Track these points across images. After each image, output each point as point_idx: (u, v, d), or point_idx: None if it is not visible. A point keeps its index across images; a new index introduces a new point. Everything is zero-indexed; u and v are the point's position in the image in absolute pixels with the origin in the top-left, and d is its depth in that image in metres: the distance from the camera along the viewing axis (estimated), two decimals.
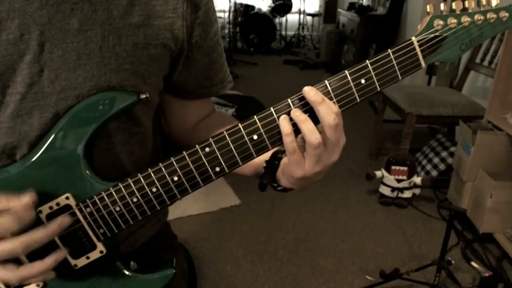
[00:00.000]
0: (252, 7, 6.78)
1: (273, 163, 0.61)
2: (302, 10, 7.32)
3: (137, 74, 0.59)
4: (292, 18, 7.35)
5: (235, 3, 6.56)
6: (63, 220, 0.54)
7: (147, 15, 0.58)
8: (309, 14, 7.56)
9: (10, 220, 0.49)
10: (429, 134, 3.19)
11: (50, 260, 0.53)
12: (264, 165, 0.62)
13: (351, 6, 5.39)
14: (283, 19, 7.16)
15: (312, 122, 0.53)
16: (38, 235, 0.51)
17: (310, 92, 0.53)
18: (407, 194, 2.32)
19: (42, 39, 0.52)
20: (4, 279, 0.52)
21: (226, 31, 6.57)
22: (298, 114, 0.53)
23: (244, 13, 6.57)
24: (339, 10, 6.12)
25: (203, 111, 0.78)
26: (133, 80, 0.59)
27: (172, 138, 0.80)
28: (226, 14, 6.67)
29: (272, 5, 6.99)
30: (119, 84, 0.57)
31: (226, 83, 0.76)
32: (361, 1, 5.60)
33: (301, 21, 7.39)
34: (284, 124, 0.54)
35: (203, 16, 0.64)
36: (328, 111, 0.52)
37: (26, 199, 0.50)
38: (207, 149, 0.55)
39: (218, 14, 6.74)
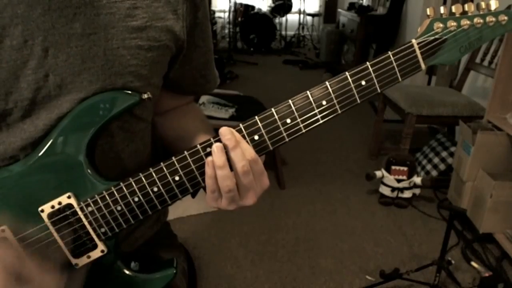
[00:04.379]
0: (252, 7, 6.78)
1: None
2: (302, 10, 7.32)
3: (141, 75, 0.60)
4: (292, 18, 7.35)
5: (235, 3, 6.56)
6: None
7: (149, 18, 0.58)
8: (309, 14, 7.56)
9: None
10: (429, 134, 3.20)
11: None
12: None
13: (351, 6, 5.39)
14: (283, 19, 7.16)
15: (227, 169, 0.54)
16: None
17: (226, 135, 0.54)
18: (407, 194, 2.32)
19: (46, 44, 0.52)
20: None
21: (226, 31, 6.58)
22: (217, 158, 0.54)
23: (244, 13, 6.57)
24: (339, 10, 6.13)
25: (179, 103, 0.79)
26: (137, 82, 0.59)
27: None
28: (226, 14, 6.68)
29: (272, 5, 7.00)
30: (123, 86, 0.58)
31: (217, 80, 0.78)
32: (361, 1, 5.61)
33: (301, 21, 7.39)
34: (208, 165, 0.55)
35: (202, 16, 0.65)
36: (238, 158, 0.54)
37: None
38: (208, 149, 0.56)
39: (218, 14, 6.66)
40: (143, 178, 0.56)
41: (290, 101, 0.55)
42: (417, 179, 2.31)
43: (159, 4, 0.59)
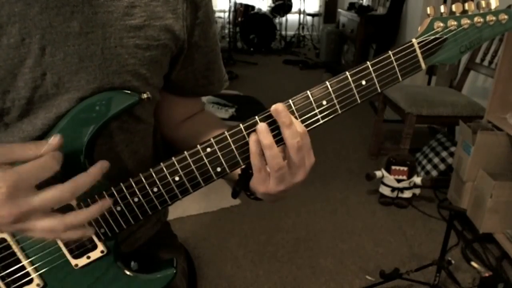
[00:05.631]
0: (252, 7, 6.78)
1: (247, 172, 0.59)
2: (302, 10, 7.32)
3: (139, 75, 0.59)
4: (292, 18, 7.35)
5: (235, 3, 6.56)
6: (103, 163, 0.53)
7: (147, 16, 0.58)
8: (309, 14, 7.56)
9: (49, 160, 0.48)
10: (429, 134, 3.20)
11: (95, 208, 0.52)
12: (239, 172, 0.62)
13: (351, 6, 5.39)
14: (283, 19, 7.16)
15: (275, 148, 0.53)
16: (83, 179, 0.50)
17: (282, 113, 0.53)
18: (407, 194, 2.32)
19: (43, 43, 0.52)
20: (51, 227, 0.50)
21: (226, 31, 6.58)
22: (264, 137, 0.53)
23: (244, 13, 6.57)
24: (339, 10, 6.12)
25: (192, 110, 0.79)
26: (135, 81, 0.59)
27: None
28: (226, 14, 6.68)
29: (272, 5, 7.00)
30: (121, 85, 0.57)
31: (223, 82, 0.77)
32: (361, 1, 5.60)
33: (301, 21, 7.39)
34: (252, 142, 0.54)
35: (203, 16, 0.65)
36: (294, 134, 0.52)
37: (55, 139, 0.49)
38: (208, 149, 0.55)
39: (218, 14, 6.69)
40: (143, 179, 0.56)
41: (290, 101, 0.55)
42: (417, 179, 2.31)
43: (158, 3, 0.59)
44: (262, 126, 0.53)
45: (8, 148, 0.48)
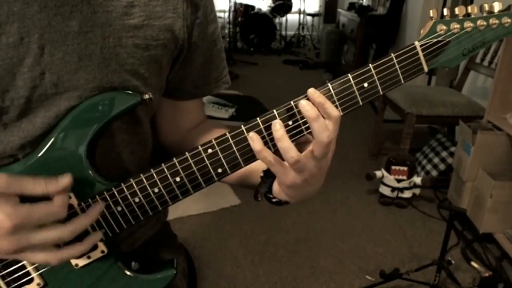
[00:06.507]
0: (252, 7, 6.77)
1: (271, 173, 0.58)
2: (302, 10, 7.32)
3: (138, 74, 0.59)
4: (292, 18, 7.35)
5: (235, 3, 6.56)
6: (101, 206, 0.56)
7: (147, 16, 0.58)
8: (309, 14, 7.56)
9: (59, 207, 0.51)
10: (429, 134, 3.20)
11: (89, 242, 0.56)
12: (261, 174, 0.61)
13: (351, 6, 5.39)
14: (283, 19, 7.16)
15: (288, 141, 0.53)
16: (82, 222, 0.54)
17: (306, 106, 0.52)
18: (407, 194, 2.32)
19: (42, 42, 0.52)
20: (45, 261, 0.53)
21: (226, 31, 6.58)
22: (277, 129, 0.53)
23: (244, 13, 6.57)
24: (339, 10, 6.12)
25: (196, 117, 0.78)
26: (134, 81, 0.59)
27: (164, 144, 0.79)
28: (226, 14, 6.68)
29: (272, 5, 6.99)
30: (121, 85, 0.57)
31: (221, 83, 0.76)
32: (361, 1, 5.60)
33: (301, 21, 7.39)
34: (253, 140, 0.54)
35: (202, 16, 0.65)
36: (323, 128, 0.52)
37: (65, 181, 0.51)
38: (209, 150, 0.55)
39: (218, 14, 6.71)
40: (144, 179, 0.56)
41: (292, 102, 0.55)
42: (417, 179, 2.31)
43: (157, 2, 0.59)
44: (277, 122, 0.54)
45: (18, 181, 0.50)
